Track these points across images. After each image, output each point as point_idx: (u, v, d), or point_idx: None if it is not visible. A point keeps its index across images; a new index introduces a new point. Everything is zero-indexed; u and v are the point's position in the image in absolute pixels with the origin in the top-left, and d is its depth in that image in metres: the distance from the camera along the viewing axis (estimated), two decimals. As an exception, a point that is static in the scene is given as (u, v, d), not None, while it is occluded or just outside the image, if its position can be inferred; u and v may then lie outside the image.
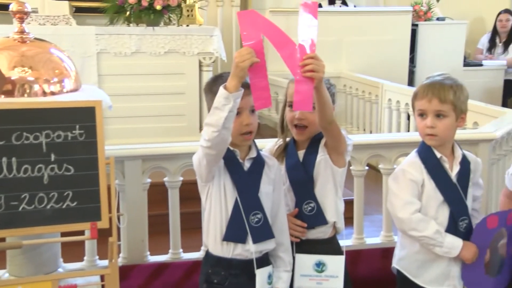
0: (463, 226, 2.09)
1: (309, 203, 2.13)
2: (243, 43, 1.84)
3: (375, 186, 3.43)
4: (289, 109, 2.15)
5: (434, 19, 6.99)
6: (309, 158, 2.14)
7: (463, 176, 2.13)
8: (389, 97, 5.22)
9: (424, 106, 2.08)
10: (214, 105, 1.83)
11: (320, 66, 1.84)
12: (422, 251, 2.12)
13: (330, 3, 7.13)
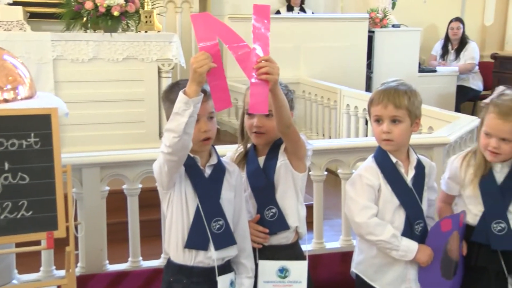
0: (419, 229, 2.12)
1: (270, 208, 2.13)
2: (198, 47, 1.84)
3: (334, 190, 3.46)
4: (248, 116, 2.16)
5: (389, 26, 7.13)
6: (269, 164, 2.15)
7: (418, 180, 2.16)
8: (347, 102, 5.27)
9: (380, 112, 2.10)
10: (174, 110, 1.82)
11: (274, 68, 1.86)
12: (379, 255, 2.15)
13: (288, 10, 7.21)
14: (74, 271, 2.20)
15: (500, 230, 2.12)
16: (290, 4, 7.24)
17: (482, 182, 2.15)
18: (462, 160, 2.23)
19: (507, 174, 2.15)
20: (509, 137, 2.09)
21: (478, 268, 2.17)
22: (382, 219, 2.11)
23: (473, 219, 2.18)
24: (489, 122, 2.11)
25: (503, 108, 2.08)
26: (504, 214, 2.14)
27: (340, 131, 5.44)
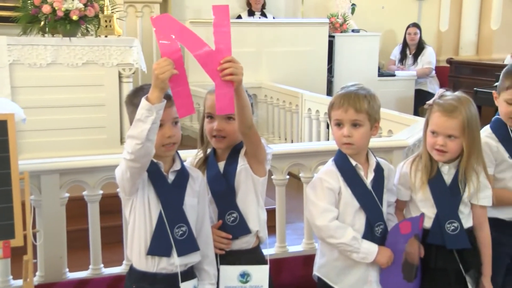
0: (379, 231, 2.15)
1: (231, 213, 2.13)
2: (161, 53, 1.84)
3: (297, 194, 3.49)
4: (208, 120, 2.15)
5: (349, 31, 7.23)
6: (229, 168, 2.15)
7: (378, 183, 2.18)
8: (309, 106, 5.30)
9: (341, 116, 2.11)
10: (137, 117, 1.81)
11: (238, 68, 1.87)
12: (341, 258, 2.16)
13: (249, 15, 7.23)
14: (32, 280, 2.16)
15: (453, 230, 2.18)
16: (251, 9, 7.26)
17: (432, 185, 2.20)
18: (410, 165, 2.27)
19: (454, 174, 2.20)
20: (455, 134, 2.14)
21: (438, 269, 2.21)
22: (342, 222, 2.13)
23: (428, 222, 2.22)
24: (434, 121, 2.17)
25: (447, 106, 2.15)
26: (456, 214, 2.20)
27: (302, 135, 5.46)
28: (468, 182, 2.20)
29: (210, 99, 2.10)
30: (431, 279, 2.22)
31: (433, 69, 7.42)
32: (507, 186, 2.43)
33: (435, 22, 8.55)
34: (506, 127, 2.44)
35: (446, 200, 2.20)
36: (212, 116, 2.13)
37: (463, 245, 2.19)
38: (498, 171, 2.43)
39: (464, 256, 2.21)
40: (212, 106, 2.03)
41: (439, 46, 8.44)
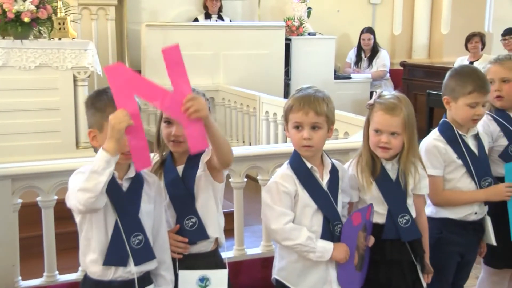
0: (337, 230, 2.17)
1: (190, 218, 2.13)
2: (116, 105, 1.81)
3: (255, 197, 3.48)
4: (165, 125, 2.15)
5: (305, 34, 7.29)
6: (188, 173, 2.14)
7: (333, 184, 2.21)
8: (266, 109, 5.31)
9: (301, 118, 2.12)
10: (93, 168, 1.76)
11: (201, 104, 1.87)
12: (300, 260, 2.17)
13: (206, 18, 7.21)
14: (-16, 290, 2.09)
15: (405, 223, 2.25)
16: (208, 12, 7.24)
17: (379, 182, 2.26)
18: (356, 166, 2.32)
19: (397, 170, 2.27)
20: (397, 131, 2.21)
21: (393, 261, 2.27)
22: (300, 224, 2.14)
23: (381, 218, 2.28)
24: (377, 119, 2.23)
25: (389, 104, 2.22)
26: (405, 207, 2.27)
27: (259, 138, 5.48)
28: (408, 175, 2.27)
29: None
30: (388, 271, 2.27)
31: (387, 71, 7.56)
32: (456, 186, 2.49)
33: (389, 25, 8.72)
34: (453, 129, 2.50)
35: (395, 196, 2.26)
36: (170, 121, 2.12)
37: (416, 235, 2.28)
38: (447, 172, 2.49)
39: (414, 246, 2.28)
40: None
41: (393, 49, 8.60)
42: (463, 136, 2.50)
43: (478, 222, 2.54)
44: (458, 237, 2.50)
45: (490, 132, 2.62)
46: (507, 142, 2.61)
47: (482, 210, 2.52)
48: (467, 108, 2.44)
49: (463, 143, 2.49)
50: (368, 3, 8.57)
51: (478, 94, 2.41)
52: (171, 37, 6.26)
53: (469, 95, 2.42)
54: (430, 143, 2.49)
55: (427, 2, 8.60)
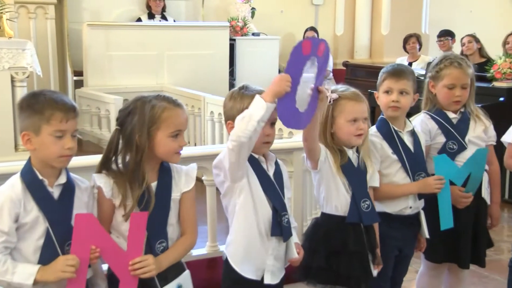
0: (285, 220, 2.17)
1: (161, 242, 2.08)
2: (71, 250, 1.86)
3: (200, 197, 3.46)
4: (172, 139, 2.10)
5: (250, 34, 7.33)
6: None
7: (278, 176, 2.22)
8: (211, 109, 5.30)
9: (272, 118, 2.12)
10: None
11: (150, 265, 1.93)
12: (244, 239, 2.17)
13: (149, 18, 7.13)
14: None
15: (367, 208, 2.35)
16: (151, 12, 7.16)
17: (344, 168, 2.35)
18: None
19: (358, 157, 2.39)
20: (367, 116, 2.35)
21: (355, 252, 2.33)
22: (250, 215, 2.13)
23: (346, 204, 2.35)
24: (353, 109, 2.33)
25: (354, 94, 2.36)
26: (367, 193, 2.38)
27: (204, 138, 5.47)
28: (367, 163, 2.41)
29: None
30: (348, 262, 2.32)
31: (330, 72, 7.66)
32: (392, 181, 2.55)
33: (331, 26, 8.88)
34: (389, 125, 2.55)
35: (358, 181, 2.36)
36: (179, 134, 2.08)
37: (375, 220, 2.39)
38: (384, 167, 2.54)
39: (369, 235, 2.37)
40: None
41: (336, 50, 8.75)
42: (398, 132, 2.55)
43: (414, 217, 2.60)
44: (395, 231, 2.55)
45: (429, 130, 2.69)
46: (445, 139, 2.68)
47: (416, 205, 2.58)
48: (384, 96, 2.55)
49: (399, 139, 2.54)
50: (311, 4, 8.70)
51: (389, 81, 2.52)
52: (114, 37, 6.17)
53: (383, 83, 2.55)
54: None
55: (368, 4, 8.81)
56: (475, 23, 8.66)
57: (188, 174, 2.12)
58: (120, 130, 2.02)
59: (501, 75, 5.23)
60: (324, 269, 2.32)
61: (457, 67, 2.67)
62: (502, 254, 3.93)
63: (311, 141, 2.24)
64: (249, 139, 1.95)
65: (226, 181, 2.13)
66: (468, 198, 2.61)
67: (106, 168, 2.02)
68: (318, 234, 2.37)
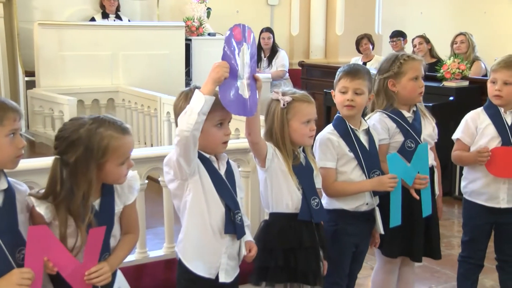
0: (238, 218, 2.19)
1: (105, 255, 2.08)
2: (25, 263, 1.82)
3: (157, 198, 3.45)
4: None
5: (206, 34, 7.29)
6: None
7: (230, 175, 2.25)
8: (167, 110, 5.25)
9: (224, 116, 2.16)
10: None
11: (105, 275, 1.92)
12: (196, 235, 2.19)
13: (103, 17, 7.03)
14: None
15: (316, 205, 2.39)
16: (105, 11, 7.06)
17: (294, 167, 2.38)
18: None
19: (305, 156, 2.44)
20: (316, 117, 2.41)
21: (310, 248, 2.37)
22: (202, 213, 2.15)
23: (298, 202, 2.38)
24: (306, 112, 2.37)
25: (304, 96, 2.41)
26: (315, 191, 2.42)
27: (161, 139, 5.42)
28: (312, 163, 2.46)
29: None
30: (305, 258, 2.35)
31: (286, 71, 7.70)
32: (349, 178, 2.59)
33: (287, 26, 8.93)
34: (345, 123, 2.60)
35: (307, 180, 2.40)
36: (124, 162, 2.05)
37: (324, 217, 2.43)
38: (340, 165, 2.59)
39: (320, 232, 2.41)
40: None
41: (292, 50, 8.80)
42: (355, 130, 2.60)
43: (369, 213, 2.65)
44: (352, 227, 2.60)
45: (387, 128, 2.74)
46: (403, 138, 2.74)
47: (372, 201, 2.63)
48: (339, 95, 2.60)
49: (355, 137, 2.59)
50: (266, 4, 8.74)
51: (345, 80, 2.58)
52: (67, 37, 6.06)
53: (339, 82, 2.61)
54: (324, 136, 2.60)
55: (322, 4, 8.91)
56: (425, 24, 8.90)
57: (130, 185, 2.09)
58: (61, 159, 1.92)
59: (450, 75, 5.37)
60: (282, 268, 2.33)
61: (416, 59, 2.78)
62: (453, 249, 4.02)
63: (254, 136, 2.26)
64: (192, 133, 1.98)
65: (176, 179, 2.14)
66: (425, 180, 2.64)
67: (51, 199, 1.92)
68: (272, 234, 2.38)
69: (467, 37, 6.28)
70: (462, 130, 2.95)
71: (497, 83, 2.86)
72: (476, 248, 3.01)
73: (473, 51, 6.26)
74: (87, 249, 1.90)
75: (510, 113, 2.90)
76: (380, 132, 2.72)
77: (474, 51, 6.28)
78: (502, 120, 2.88)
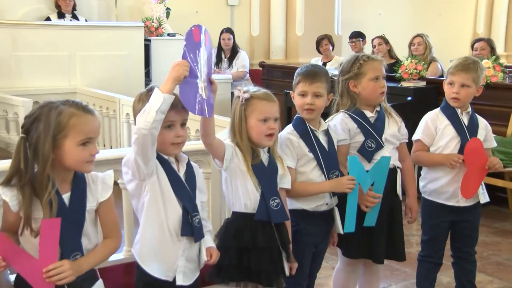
0: (197, 221, 2.18)
1: (76, 255, 2.01)
2: None
3: (116, 201, 3.38)
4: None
5: (165, 35, 7.21)
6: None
7: (190, 177, 2.22)
8: (127, 111, 5.20)
9: (175, 117, 2.14)
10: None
11: (65, 271, 1.87)
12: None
13: (59, 17, 6.87)
14: None
15: (276, 206, 2.37)
16: (61, 11, 6.90)
17: (254, 167, 2.37)
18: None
19: (269, 157, 2.43)
20: (278, 116, 2.40)
21: (264, 248, 2.35)
22: (159, 214, 2.13)
23: (255, 203, 2.37)
24: (263, 109, 2.37)
25: (266, 94, 2.41)
26: (276, 192, 2.41)
27: (120, 141, 5.37)
28: (278, 164, 2.45)
29: None
30: (259, 258, 2.34)
31: (247, 72, 7.68)
32: (308, 178, 2.59)
33: (247, 27, 8.91)
34: (305, 123, 2.60)
35: (267, 180, 2.38)
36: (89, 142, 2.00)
37: (284, 218, 2.41)
38: (300, 165, 2.59)
39: (282, 233, 2.40)
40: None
41: (252, 50, 8.78)
42: (314, 130, 2.61)
43: (329, 213, 2.65)
44: (312, 227, 2.61)
45: (348, 129, 2.74)
46: (364, 138, 2.74)
47: (332, 201, 2.64)
48: (299, 98, 2.60)
49: (315, 137, 2.60)
50: (226, 5, 8.72)
51: (304, 84, 2.58)
52: (21, 37, 5.92)
53: (298, 85, 2.61)
54: (285, 137, 2.59)
55: (282, 5, 8.93)
56: (384, 25, 9.03)
57: (104, 182, 2.06)
58: (26, 138, 1.91)
59: (408, 75, 5.46)
60: (236, 266, 2.33)
61: (376, 59, 2.80)
62: (412, 248, 4.06)
63: (208, 137, 2.25)
64: (150, 131, 1.96)
65: (134, 179, 2.12)
66: (377, 199, 2.62)
67: (16, 180, 1.89)
68: (229, 232, 2.38)
69: (424, 39, 6.40)
70: (422, 131, 2.99)
71: (455, 85, 2.91)
72: (436, 247, 3.04)
73: (430, 52, 6.37)
74: (42, 242, 1.84)
75: (466, 114, 2.96)
76: (340, 133, 2.73)
77: (431, 52, 6.39)
78: (459, 120, 2.93)
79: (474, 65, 2.90)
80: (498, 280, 3.70)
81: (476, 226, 3.06)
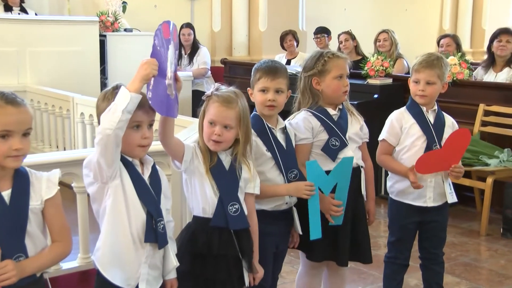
0: (161, 227, 2.11)
1: (19, 256, 1.97)
2: None
3: (71, 205, 3.23)
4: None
5: (121, 30, 7.02)
6: None
7: (155, 180, 2.15)
8: (81, 111, 5.05)
9: (142, 117, 2.07)
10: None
11: (11, 271, 1.83)
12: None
13: (6, 10, 6.60)
14: None
15: (235, 212, 2.30)
16: (8, 4, 6.63)
17: (213, 170, 2.30)
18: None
19: (231, 161, 2.35)
20: (231, 124, 2.28)
21: (219, 256, 2.29)
22: (122, 219, 2.06)
23: (213, 207, 2.29)
24: (213, 111, 2.29)
25: (226, 97, 2.30)
26: (236, 196, 2.33)
27: (75, 142, 5.20)
28: (243, 168, 2.36)
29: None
30: (214, 265, 2.29)
31: (208, 69, 7.53)
32: (266, 177, 2.54)
33: (208, 22, 8.76)
34: (262, 121, 2.56)
35: (226, 184, 2.32)
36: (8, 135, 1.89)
37: (243, 225, 2.33)
38: (258, 164, 2.53)
39: (241, 241, 2.33)
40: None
41: (213, 46, 8.66)
42: (272, 129, 2.58)
43: (289, 212, 2.62)
44: (273, 227, 2.56)
45: (312, 127, 2.71)
46: (328, 136, 2.72)
47: (291, 200, 2.61)
48: (259, 94, 2.57)
49: (272, 136, 2.57)
50: (186, -1, 8.52)
51: (265, 79, 2.55)
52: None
53: (258, 81, 2.57)
54: None
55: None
56: (349, 20, 8.97)
57: (49, 180, 2.01)
58: None
59: (374, 72, 5.40)
60: (189, 273, 2.28)
61: (341, 57, 2.78)
62: (379, 250, 4.02)
63: (166, 136, 2.20)
64: (115, 132, 1.92)
65: (96, 181, 2.06)
66: (339, 207, 2.61)
67: None
68: (185, 237, 2.34)
69: (390, 35, 6.36)
70: (387, 131, 2.99)
71: (420, 83, 2.92)
72: (403, 248, 3.04)
73: (396, 49, 6.36)
74: None
75: (432, 112, 2.97)
76: (303, 131, 2.70)
77: (397, 48, 6.38)
78: (425, 119, 2.94)
79: (438, 61, 2.91)
80: (465, 281, 3.72)
81: (444, 227, 3.06)
